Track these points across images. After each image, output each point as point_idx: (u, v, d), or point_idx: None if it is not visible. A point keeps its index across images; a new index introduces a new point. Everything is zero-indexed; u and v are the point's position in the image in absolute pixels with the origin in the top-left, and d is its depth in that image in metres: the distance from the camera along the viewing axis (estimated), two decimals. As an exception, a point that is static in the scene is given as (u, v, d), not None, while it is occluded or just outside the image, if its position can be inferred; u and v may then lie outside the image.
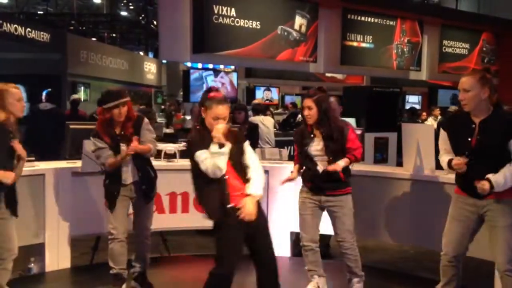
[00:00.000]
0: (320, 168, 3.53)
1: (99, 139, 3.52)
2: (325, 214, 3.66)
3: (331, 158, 3.50)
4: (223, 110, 2.89)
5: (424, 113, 11.02)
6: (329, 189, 3.54)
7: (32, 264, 4.07)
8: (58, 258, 4.14)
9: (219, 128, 2.85)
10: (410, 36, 8.35)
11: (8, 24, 10.01)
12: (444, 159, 3.16)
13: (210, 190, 2.91)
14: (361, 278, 3.64)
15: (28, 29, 10.70)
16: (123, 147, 3.52)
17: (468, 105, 3.01)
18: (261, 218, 3.01)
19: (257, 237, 3.00)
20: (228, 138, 2.88)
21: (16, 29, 10.25)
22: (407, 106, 13.79)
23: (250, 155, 3.05)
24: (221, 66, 12.69)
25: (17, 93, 3.17)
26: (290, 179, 3.72)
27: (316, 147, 3.54)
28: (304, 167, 3.65)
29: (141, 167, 3.64)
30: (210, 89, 3.00)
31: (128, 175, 3.58)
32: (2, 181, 2.97)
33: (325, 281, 3.71)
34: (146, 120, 3.72)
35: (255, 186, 2.94)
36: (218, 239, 2.95)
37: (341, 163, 3.48)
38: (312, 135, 3.57)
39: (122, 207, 3.60)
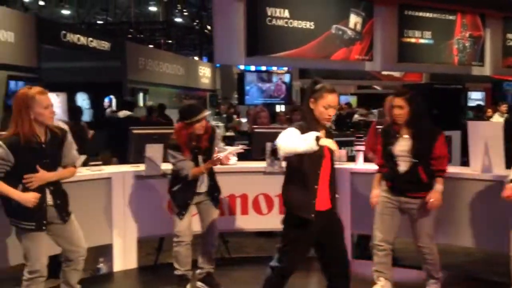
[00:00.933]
0: (401, 169, 3.44)
1: (178, 152, 3.60)
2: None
3: (414, 160, 3.41)
4: (334, 98, 2.83)
5: (490, 110, 10.53)
6: (409, 191, 3.46)
7: (101, 264, 4.25)
8: (125, 258, 4.29)
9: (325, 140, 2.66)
10: (471, 31, 8.03)
11: (71, 35, 10.53)
12: None
13: (299, 183, 2.81)
14: (438, 280, 3.57)
15: (90, 38, 11.21)
16: (199, 158, 3.63)
17: None
18: (337, 224, 2.93)
19: (329, 243, 2.92)
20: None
21: (78, 39, 10.77)
22: (470, 103, 13.23)
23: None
24: (274, 68, 12.72)
25: (44, 100, 2.86)
26: (375, 197, 3.63)
27: (401, 147, 3.45)
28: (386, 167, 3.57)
29: (212, 175, 3.76)
30: (316, 81, 2.91)
31: (202, 184, 3.69)
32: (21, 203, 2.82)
33: (391, 286, 3.62)
34: (218, 131, 3.83)
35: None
36: (286, 234, 2.89)
37: (439, 187, 3.43)
38: (397, 135, 3.48)
39: (189, 211, 3.70)
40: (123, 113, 7.98)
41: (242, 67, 12.36)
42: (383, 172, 3.60)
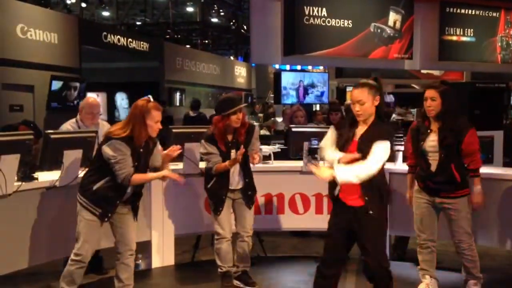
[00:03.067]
0: (432, 167, 3.40)
1: (211, 145, 3.62)
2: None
3: (443, 155, 3.36)
4: (356, 93, 2.92)
5: (535, 109, 10.15)
6: (443, 191, 3.42)
7: (140, 261, 4.33)
8: (163, 255, 4.36)
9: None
10: (516, 27, 7.75)
11: (112, 36, 10.78)
12: None
13: None
14: (478, 281, 3.51)
15: (129, 39, 11.45)
16: (232, 153, 3.63)
17: None
18: (370, 222, 2.86)
19: (360, 244, 2.94)
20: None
21: (119, 40, 11.02)
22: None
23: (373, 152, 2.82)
24: (309, 67, 12.63)
25: (157, 116, 3.18)
26: (411, 197, 3.63)
27: (431, 142, 3.42)
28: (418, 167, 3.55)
29: (248, 173, 3.75)
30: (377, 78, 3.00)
31: (236, 181, 3.70)
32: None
33: (437, 284, 3.59)
34: (257, 128, 3.83)
35: (344, 169, 2.78)
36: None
37: (478, 189, 3.41)
38: (429, 130, 3.44)
39: (227, 208, 3.72)
40: (192, 112, 9.14)
41: (277, 66, 12.33)
42: (415, 172, 3.58)
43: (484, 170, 4.41)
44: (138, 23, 20.29)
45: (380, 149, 2.76)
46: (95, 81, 11.21)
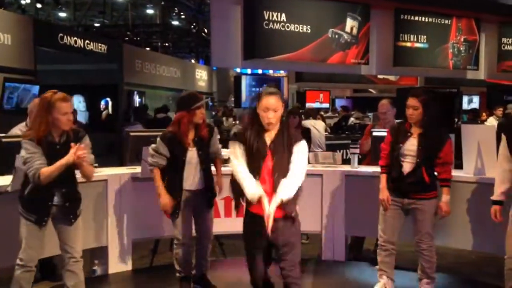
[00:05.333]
0: (405, 170, 3.49)
1: (165, 146, 3.56)
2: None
3: (419, 160, 3.45)
4: (269, 100, 2.84)
5: (484, 114, 10.60)
6: (413, 192, 3.51)
7: (96, 267, 4.25)
8: (120, 260, 4.29)
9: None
10: (466, 35, 8.06)
11: (68, 37, 10.53)
12: (497, 182, 3.17)
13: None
14: (432, 281, 3.62)
15: (87, 41, 11.20)
16: (193, 152, 3.59)
17: None
18: (285, 235, 2.86)
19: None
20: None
21: (76, 42, 10.77)
22: (465, 107, 13.31)
23: (295, 158, 2.84)
24: (270, 72, 12.76)
25: (63, 107, 3.02)
26: (387, 198, 3.62)
27: (410, 146, 3.49)
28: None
29: (208, 175, 3.69)
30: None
31: (196, 182, 3.62)
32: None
33: (393, 286, 3.69)
34: (216, 129, 3.80)
35: (283, 191, 2.77)
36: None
37: (447, 198, 3.51)
38: (409, 133, 3.53)
39: (187, 211, 3.63)
40: (159, 115, 9.70)
41: (238, 70, 12.39)
42: (389, 172, 3.63)
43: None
44: (96, 24, 19.90)
45: (300, 153, 2.82)
46: (51, 84, 10.88)
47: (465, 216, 4.08)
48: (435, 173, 3.55)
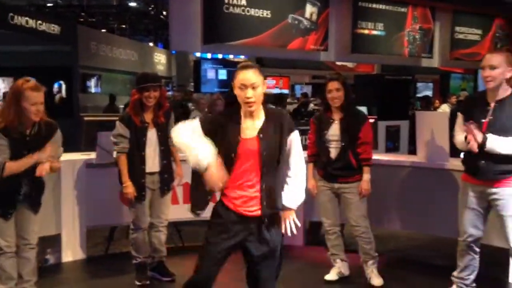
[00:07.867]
0: (332, 155, 3.58)
1: (124, 126, 3.49)
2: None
3: (343, 143, 3.55)
4: (246, 75, 2.30)
5: (437, 101, 10.93)
6: (341, 177, 3.60)
7: (49, 255, 4.14)
8: (74, 248, 4.19)
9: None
10: (422, 23, 8.25)
11: (19, 17, 10.05)
12: (460, 136, 3.10)
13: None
14: (375, 260, 3.73)
15: (39, 21, 10.74)
16: (152, 133, 3.51)
17: (493, 81, 2.96)
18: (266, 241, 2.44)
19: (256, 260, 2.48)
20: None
21: (27, 22, 10.30)
22: (419, 94, 13.67)
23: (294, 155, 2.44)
24: (231, 56, 12.64)
25: (33, 97, 2.88)
26: (314, 187, 3.70)
27: (334, 131, 3.59)
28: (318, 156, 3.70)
29: (166, 155, 3.61)
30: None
31: (155, 164, 3.56)
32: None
33: (347, 266, 3.81)
34: (172, 113, 3.70)
35: (290, 199, 2.44)
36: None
37: (367, 177, 3.58)
38: (331, 120, 3.61)
39: (144, 197, 3.58)
40: None
41: (198, 54, 12.21)
42: (315, 161, 3.73)
43: (389, 157, 4.69)
44: (49, 4, 19.08)
45: (296, 147, 2.41)
46: (1, 66, 10.43)
47: (419, 200, 4.21)
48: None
